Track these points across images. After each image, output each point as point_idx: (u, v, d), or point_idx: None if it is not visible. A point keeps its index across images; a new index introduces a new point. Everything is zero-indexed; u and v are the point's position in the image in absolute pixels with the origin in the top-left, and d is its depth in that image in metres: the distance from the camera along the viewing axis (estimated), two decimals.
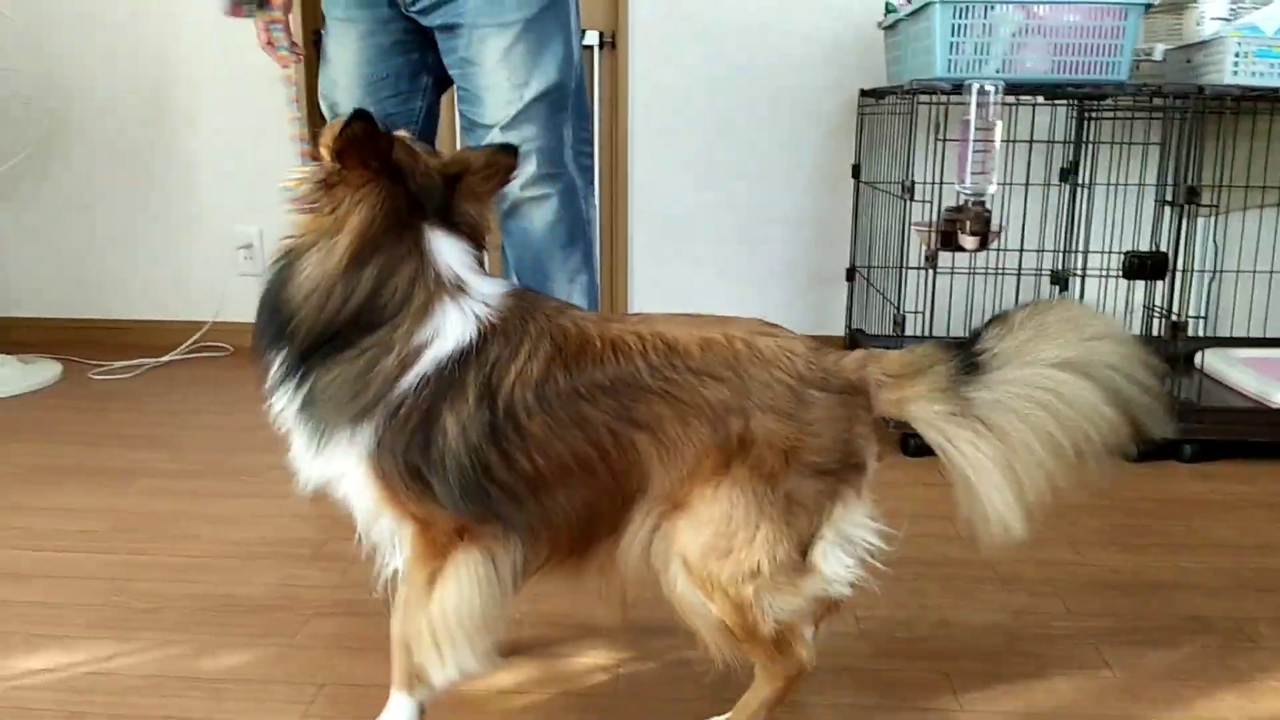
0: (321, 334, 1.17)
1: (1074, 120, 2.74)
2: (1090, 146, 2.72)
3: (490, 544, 1.19)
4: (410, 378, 1.16)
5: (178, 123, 3.17)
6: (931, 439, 1.19)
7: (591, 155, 2.16)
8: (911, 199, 2.26)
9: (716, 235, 3.12)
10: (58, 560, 1.76)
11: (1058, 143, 2.74)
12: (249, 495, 2.05)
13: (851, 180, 3.00)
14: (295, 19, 2.13)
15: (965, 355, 1.16)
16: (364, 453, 1.16)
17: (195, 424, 2.52)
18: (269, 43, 1.95)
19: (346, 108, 2.08)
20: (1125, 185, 2.72)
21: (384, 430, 1.15)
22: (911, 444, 2.29)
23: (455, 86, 2.08)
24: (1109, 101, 2.59)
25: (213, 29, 3.06)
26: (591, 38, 3.03)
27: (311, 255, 1.18)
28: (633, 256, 3.14)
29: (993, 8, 2.16)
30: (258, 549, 1.80)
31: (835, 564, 1.18)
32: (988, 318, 1.22)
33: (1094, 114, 2.70)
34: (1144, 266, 2.24)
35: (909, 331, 2.38)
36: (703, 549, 1.14)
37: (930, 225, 2.21)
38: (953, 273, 2.38)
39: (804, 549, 1.15)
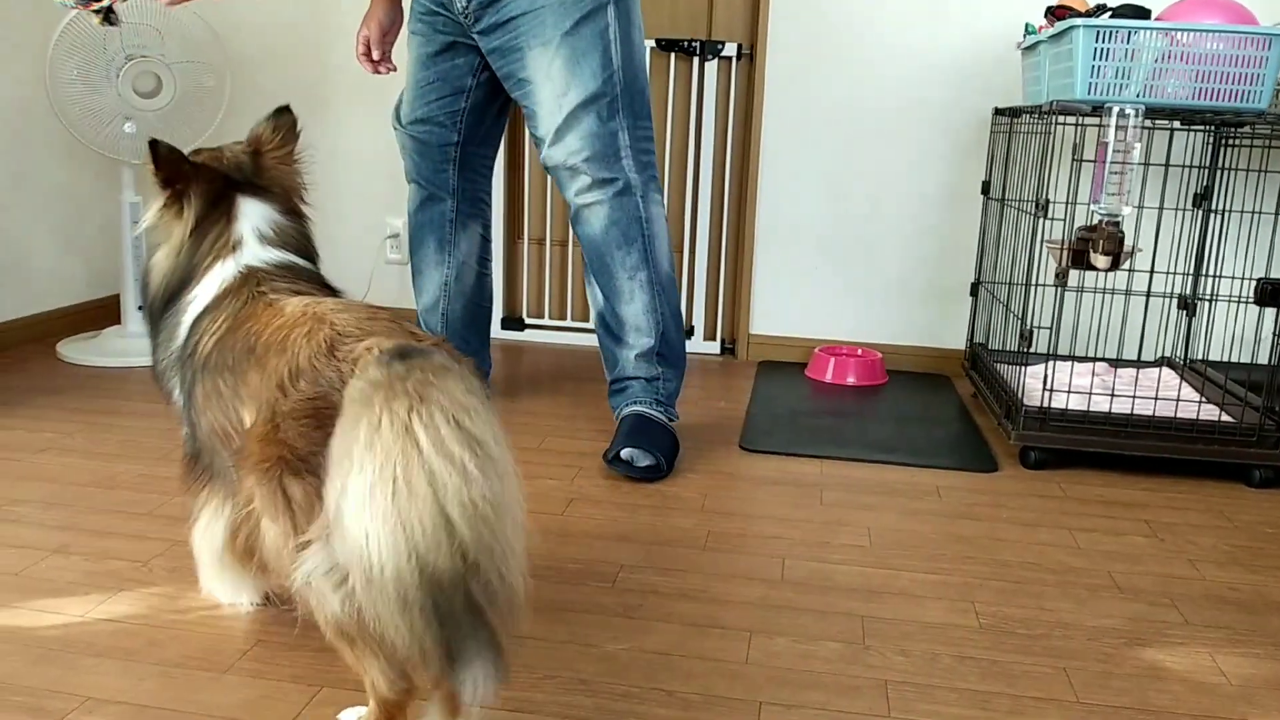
0: (161, 301, 1.41)
1: (1210, 146, 2.75)
2: (1226, 173, 2.73)
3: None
4: (181, 332, 1.35)
5: (333, 121, 3.38)
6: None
7: (652, 153, 2.30)
8: (1045, 217, 2.32)
9: (842, 245, 3.19)
10: None
11: (1193, 167, 2.75)
12: None
13: (979, 197, 3.05)
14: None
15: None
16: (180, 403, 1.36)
17: None
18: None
19: (402, 108, 2.48)
20: (1261, 213, 2.72)
21: (182, 382, 1.34)
22: (1032, 457, 2.34)
23: (519, 104, 2.30)
24: (1246, 129, 2.60)
25: None
26: (730, 49, 3.14)
27: (161, 247, 1.43)
28: (757, 263, 3.24)
29: (1135, 33, 2.20)
30: None
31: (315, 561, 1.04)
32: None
33: (1231, 141, 2.71)
34: (1275, 294, 2.25)
35: (1035, 348, 2.43)
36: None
37: (1062, 244, 2.26)
38: (1080, 291, 2.42)
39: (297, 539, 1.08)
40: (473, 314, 2.61)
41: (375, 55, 2.43)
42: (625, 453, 2.17)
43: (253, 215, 1.42)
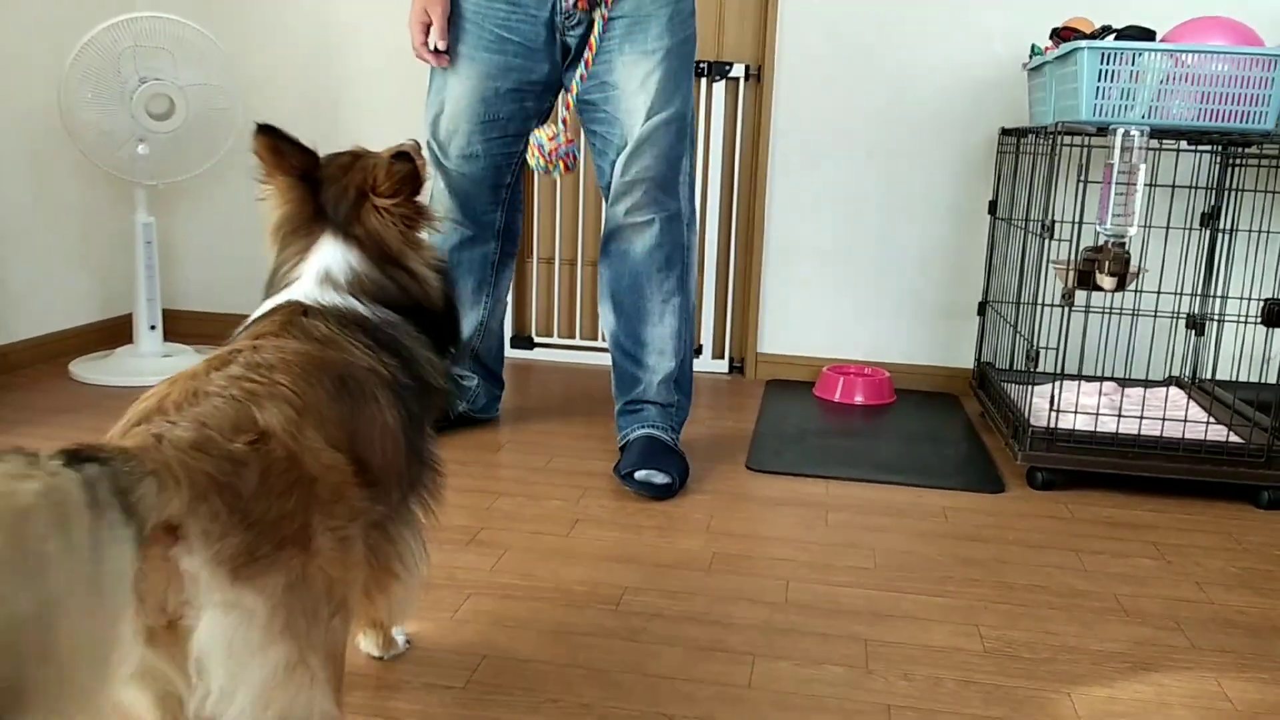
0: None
1: (1217, 166, 2.75)
2: (1232, 193, 2.72)
3: None
4: None
5: (347, 143, 3.40)
6: None
7: (693, 186, 2.29)
8: (1051, 237, 2.32)
9: (850, 264, 3.20)
10: None
11: (1200, 188, 2.75)
12: None
13: (987, 216, 3.05)
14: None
15: None
16: None
17: None
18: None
19: (448, 139, 2.26)
20: (1268, 232, 2.72)
21: None
22: (1039, 478, 2.34)
23: (587, 109, 2.21)
24: (1253, 149, 2.60)
25: (383, 62, 3.28)
26: (738, 70, 3.16)
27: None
28: (765, 282, 3.24)
29: (1140, 55, 2.20)
30: None
31: None
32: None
33: (1238, 161, 2.71)
34: None
35: (1042, 367, 2.43)
36: None
37: (1069, 264, 2.26)
38: (1088, 311, 2.42)
39: None
40: (496, 344, 2.59)
41: (442, 45, 2.18)
42: (641, 474, 2.17)
43: (327, 258, 1.30)
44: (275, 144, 1.32)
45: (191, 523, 0.89)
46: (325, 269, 1.28)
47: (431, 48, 2.20)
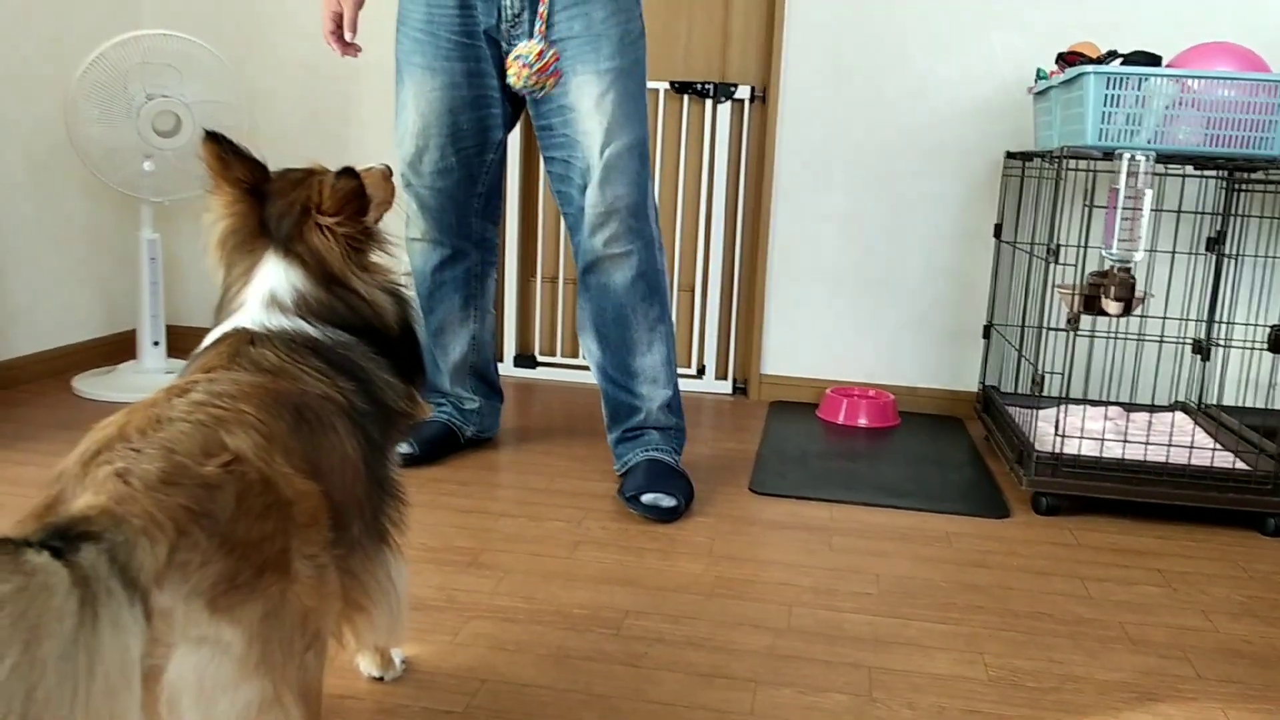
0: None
1: (1223, 192, 2.75)
2: (1238, 218, 2.72)
3: None
4: None
5: (355, 158, 3.41)
6: None
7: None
8: (1056, 261, 2.31)
9: (854, 286, 3.19)
10: None
11: (1206, 213, 2.75)
12: (413, 505, 2.20)
13: (992, 240, 3.05)
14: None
15: None
16: None
17: None
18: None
19: (420, 155, 2.25)
20: (1274, 258, 2.71)
21: None
22: (1044, 503, 2.32)
23: (545, 134, 2.19)
24: (1259, 174, 2.60)
25: (389, 77, 3.28)
26: (743, 92, 3.16)
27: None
28: (769, 303, 3.24)
29: (1146, 80, 2.20)
30: (420, 554, 1.94)
31: None
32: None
33: (1243, 186, 2.70)
34: None
35: (1048, 392, 2.42)
36: None
37: (1074, 288, 2.25)
38: (1093, 336, 2.41)
39: None
40: (489, 357, 2.59)
41: (349, 35, 2.17)
42: (648, 497, 2.16)
43: (273, 278, 1.26)
44: (222, 153, 1.28)
45: (169, 559, 0.85)
46: (270, 291, 1.25)
47: (349, 36, 2.17)
